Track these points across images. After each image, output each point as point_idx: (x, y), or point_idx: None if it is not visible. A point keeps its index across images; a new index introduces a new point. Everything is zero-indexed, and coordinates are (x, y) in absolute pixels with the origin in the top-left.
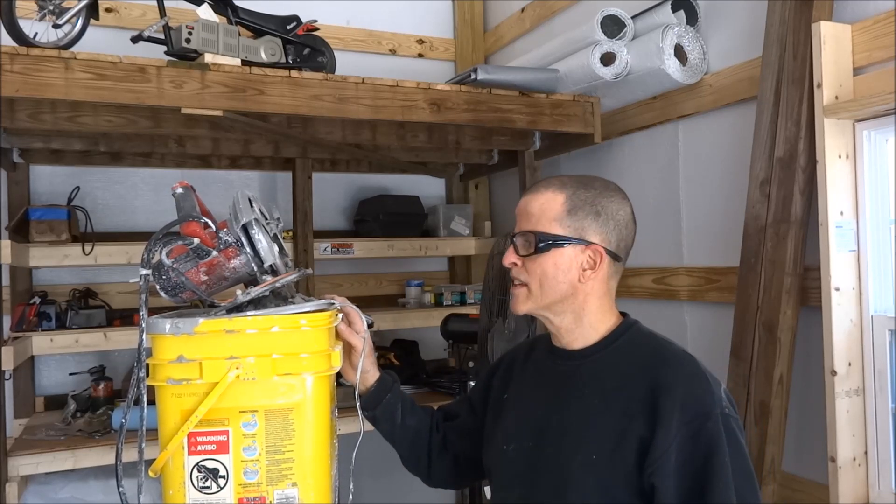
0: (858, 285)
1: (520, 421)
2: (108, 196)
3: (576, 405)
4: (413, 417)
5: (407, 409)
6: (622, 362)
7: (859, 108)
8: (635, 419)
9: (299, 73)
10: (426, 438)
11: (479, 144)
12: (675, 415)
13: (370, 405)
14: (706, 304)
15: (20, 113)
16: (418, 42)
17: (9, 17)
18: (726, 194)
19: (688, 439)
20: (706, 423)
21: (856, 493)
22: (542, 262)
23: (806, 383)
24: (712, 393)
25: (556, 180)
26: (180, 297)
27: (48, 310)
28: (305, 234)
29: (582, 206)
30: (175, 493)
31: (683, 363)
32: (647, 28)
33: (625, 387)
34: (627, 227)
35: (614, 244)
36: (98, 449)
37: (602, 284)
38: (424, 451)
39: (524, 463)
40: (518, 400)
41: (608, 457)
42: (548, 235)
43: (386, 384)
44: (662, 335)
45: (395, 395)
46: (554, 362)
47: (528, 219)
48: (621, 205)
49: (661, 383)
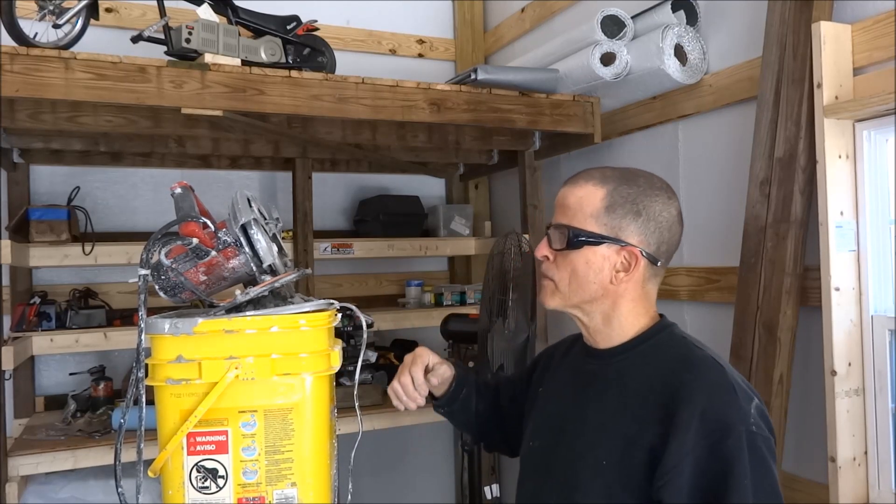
0: (858, 285)
1: (546, 417)
2: (108, 196)
3: (594, 406)
4: (483, 402)
5: (480, 396)
6: (647, 365)
7: (859, 108)
8: (649, 426)
9: (299, 73)
10: (494, 419)
11: (479, 144)
12: (693, 427)
13: (449, 403)
14: (706, 304)
15: (20, 113)
16: (418, 42)
17: (9, 17)
18: (726, 194)
19: (704, 455)
20: (726, 439)
21: (856, 493)
22: (574, 259)
23: (806, 383)
24: (738, 407)
25: (599, 173)
26: (179, 297)
27: (48, 310)
28: (305, 234)
29: (622, 204)
30: (174, 493)
31: (709, 370)
32: (647, 28)
33: (644, 391)
34: (671, 229)
35: (654, 247)
36: (98, 449)
37: (636, 287)
38: (490, 428)
39: (541, 460)
40: (549, 396)
41: (617, 462)
42: (582, 232)
43: (464, 382)
44: (696, 340)
45: (469, 387)
46: (584, 360)
47: (565, 211)
48: (666, 205)
49: (681, 391)
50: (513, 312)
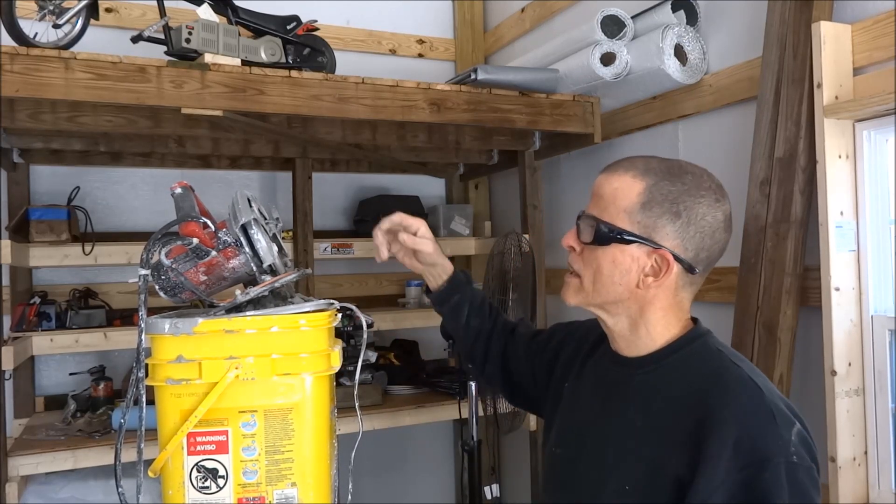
0: (858, 285)
1: (571, 423)
2: (108, 196)
3: (618, 423)
4: (477, 318)
5: (474, 309)
6: (676, 381)
7: (859, 108)
8: (676, 454)
9: (299, 73)
10: (485, 341)
11: (479, 144)
12: (725, 457)
13: (438, 302)
14: (706, 304)
15: (20, 113)
16: (418, 42)
17: (9, 17)
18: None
19: (738, 490)
20: (762, 473)
21: (856, 493)
22: (600, 256)
23: (806, 383)
24: (778, 435)
25: (642, 163)
26: (179, 297)
27: (48, 310)
28: (305, 234)
29: (660, 202)
30: (174, 494)
31: (745, 393)
32: (647, 28)
33: (672, 412)
34: (714, 235)
35: (691, 253)
36: (98, 449)
37: (668, 295)
38: (482, 351)
39: (565, 471)
40: (574, 399)
41: (642, 490)
42: (612, 227)
43: (456, 284)
44: (733, 353)
45: (463, 295)
46: (609, 367)
47: (598, 202)
48: (712, 208)
49: (712, 415)
50: (513, 312)
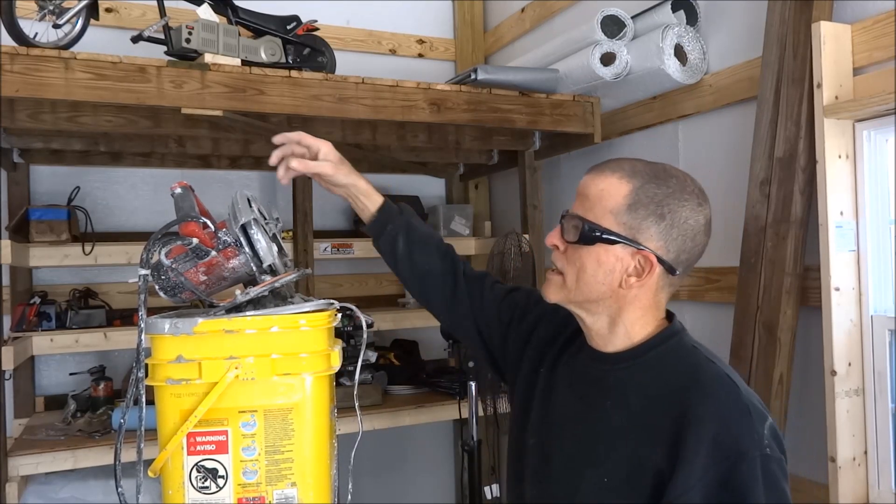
0: (858, 285)
1: (546, 415)
2: (108, 196)
3: (595, 417)
4: (423, 255)
5: (416, 244)
6: (653, 379)
7: (859, 108)
8: (656, 449)
9: (299, 73)
10: (438, 280)
11: (479, 144)
12: (703, 452)
13: (374, 234)
14: (706, 304)
15: (20, 113)
16: (418, 42)
17: (9, 17)
18: (726, 194)
19: (716, 483)
20: (740, 466)
21: (855, 493)
22: (584, 255)
23: (806, 383)
24: (754, 430)
25: (629, 165)
26: (179, 297)
27: (48, 310)
28: (305, 234)
29: (646, 205)
30: (174, 493)
31: (723, 389)
32: (647, 28)
33: (650, 408)
34: (696, 238)
35: (672, 255)
36: (98, 449)
37: (648, 295)
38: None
39: (541, 463)
40: (550, 389)
41: (621, 483)
42: (597, 227)
43: (388, 214)
44: (707, 350)
45: (396, 226)
46: (586, 363)
47: (583, 202)
48: (694, 212)
49: (690, 412)
50: None
